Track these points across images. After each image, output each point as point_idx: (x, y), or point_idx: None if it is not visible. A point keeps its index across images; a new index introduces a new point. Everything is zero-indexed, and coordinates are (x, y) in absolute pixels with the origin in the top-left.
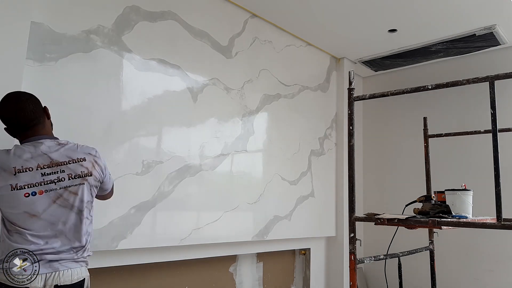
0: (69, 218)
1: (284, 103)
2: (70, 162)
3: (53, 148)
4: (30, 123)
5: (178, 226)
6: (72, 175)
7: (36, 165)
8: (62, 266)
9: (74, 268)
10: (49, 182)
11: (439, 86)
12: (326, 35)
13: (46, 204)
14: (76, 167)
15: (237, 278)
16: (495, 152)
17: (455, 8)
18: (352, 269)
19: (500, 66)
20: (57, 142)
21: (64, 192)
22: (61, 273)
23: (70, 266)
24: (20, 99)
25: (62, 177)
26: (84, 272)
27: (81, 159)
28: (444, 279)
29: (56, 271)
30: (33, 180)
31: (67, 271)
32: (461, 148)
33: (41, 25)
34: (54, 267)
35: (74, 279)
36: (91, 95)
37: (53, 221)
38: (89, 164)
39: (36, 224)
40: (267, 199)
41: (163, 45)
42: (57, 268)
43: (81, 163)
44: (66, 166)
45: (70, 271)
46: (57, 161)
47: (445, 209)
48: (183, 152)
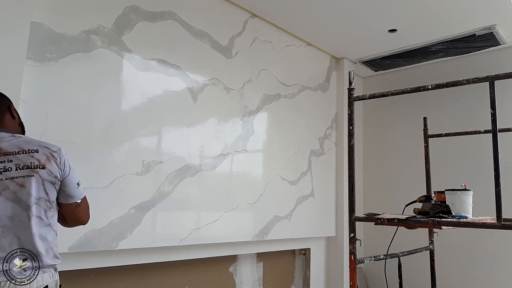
0: (17, 214)
1: (284, 103)
2: (19, 153)
3: (5, 139)
4: None
5: (178, 226)
6: (20, 166)
7: None
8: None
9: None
10: None
11: (439, 86)
12: (326, 35)
13: None
14: (25, 157)
15: (237, 278)
16: (495, 152)
17: (455, 8)
18: (352, 269)
19: (500, 66)
20: (12, 134)
21: (10, 184)
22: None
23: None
24: None
25: (8, 167)
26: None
27: (33, 150)
28: (444, 279)
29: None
30: None
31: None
32: (461, 148)
33: (41, 25)
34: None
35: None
36: (91, 95)
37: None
38: (42, 156)
39: None
40: (267, 199)
41: (163, 45)
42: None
43: (31, 154)
44: (14, 156)
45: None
46: (5, 150)
47: (445, 209)
48: (183, 152)
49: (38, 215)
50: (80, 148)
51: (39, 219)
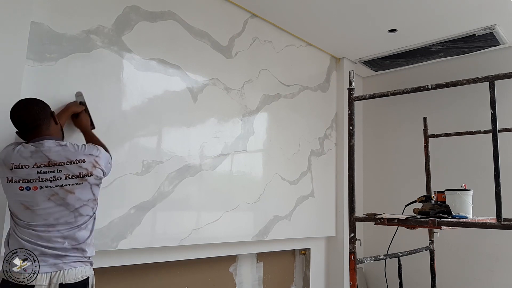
0: (63, 216)
1: (284, 103)
2: (68, 163)
3: (52, 148)
4: (33, 123)
5: (178, 226)
6: (69, 175)
7: (33, 163)
8: (66, 265)
9: (78, 267)
10: (44, 180)
11: (439, 86)
12: (326, 35)
13: (40, 200)
14: (74, 168)
15: (237, 278)
16: (495, 152)
17: (455, 8)
18: (352, 269)
19: (500, 66)
20: (58, 143)
21: (59, 191)
22: (65, 271)
23: (74, 266)
24: (28, 101)
25: (58, 176)
26: (89, 271)
27: (80, 160)
28: (444, 279)
29: (60, 270)
30: (28, 177)
31: (71, 270)
32: (461, 148)
33: (41, 25)
34: (58, 266)
35: (78, 277)
36: (91, 95)
37: (46, 216)
38: (88, 165)
39: (31, 217)
40: (267, 199)
41: (163, 45)
42: (61, 267)
43: (79, 164)
44: (63, 167)
45: (75, 270)
46: (54, 161)
47: (445, 209)
48: (183, 152)
49: (87, 214)
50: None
51: (88, 216)
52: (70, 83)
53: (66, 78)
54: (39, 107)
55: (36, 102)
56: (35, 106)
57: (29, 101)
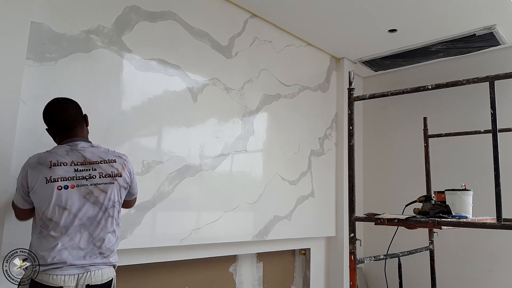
0: (96, 215)
1: (284, 103)
2: (101, 162)
3: (87, 149)
4: (71, 124)
5: (178, 226)
6: (103, 174)
7: (71, 161)
8: (93, 266)
9: (104, 268)
10: (81, 178)
11: (439, 86)
12: (326, 35)
13: (76, 199)
14: (107, 167)
15: (237, 278)
16: (495, 152)
17: (455, 8)
18: (352, 269)
19: (500, 66)
20: (91, 144)
21: (94, 189)
22: (92, 273)
23: (100, 267)
24: (66, 102)
25: (93, 174)
26: (112, 272)
27: (112, 160)
28: (444, 279)
29: (87, 272)
30: (67, 174)
31: (97, 271)
32: (461, 148)
33: (41, 25)
34: (85, 268)
35: (104, 279)
36: (91, 95)
37: (80, 215)
38: (119, 165)
39: (66, 217)
40: (267, 199)
41: (163, 45)
42: (88, 269)
43: (111, 164)
44: (98, 165)
45: (101, 271)
46: (90, 160)
47: (445, 209)
48: (183, 152)
49: (113, 215)
50: None
51: (114, 219)
52: (70, 83)
53: (66, 78)
54: (77, 109)
55: (74, 103)
56: (74, 107)
57: (68, 101)
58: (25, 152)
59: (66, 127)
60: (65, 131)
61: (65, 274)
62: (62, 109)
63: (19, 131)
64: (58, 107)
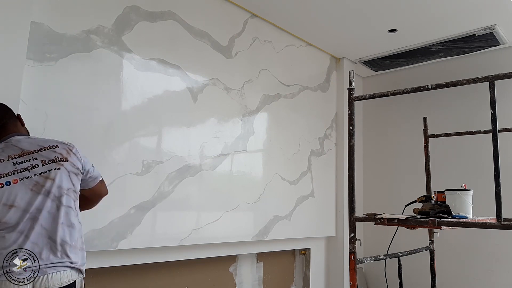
0: (44, 204)
1: (284, 103)
2: (41, 150)
3: (23, 140)
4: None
5: (178, 226)
6: (45, 161)
7: (7, 156)
8: (50, 268)
9: (64, 270)
10: (22, 170)
11: (439, 86)
12: (326, 35)
13: (23, 193)
14: (48, 153)
15: (237, 278)
16: (495, 152)
17: (455, 8)
18: (352, 269)
19: (500, 66)
20: (27, 136)
21: (39, 179)
22: (49, 276)
23: (58, 269)
24: None
25: (35, 164)
26: (75, 275)
27: (53, 146)
28: (444, 279)
29: (44, 274)
30: (5, 170)
31: (56, 274)
32: (461, 148)
33: (41, 25)
34: (42, 270)
35: (63, 281)
36: (91, 95)
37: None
38: (62, 150)
39: (15, 214)
40: (267, 199)
41: (163, 45)
42: (44, 271)
43: (53, 149)
44: (38, 154)
45: (60, 274)
46: (28, 150)
47: (445, 209)
48: (183, 152)
49: (68, 205)
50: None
51: (70, 208)
52: (70, 83)
53: (66, 78)
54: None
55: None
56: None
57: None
58: None
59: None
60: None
61: (19, 278)
62: None
63: None
64: None
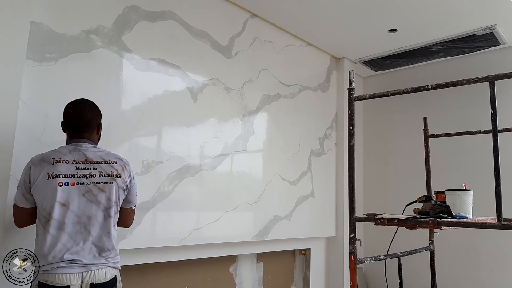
0: (95, 214)
1: (284, 103)
2: (102, 162)
3: (89, 149)
4: (82, 128)
5: (178, 226)
6: (102, 173)
7: (73, 159)
8: (94, 266)
9: (106, 268)
10: (81, 176)
11: (439, 86)
12: (326, 35)
13: (75, 196)
14: (107, 167)
15: (237, 278)
16: (495, 152)
17: (455, 8)
18: (352, 269)
19: (500, 66)
20: (94, 146)
21: (93, 188)
22: (96, 272)
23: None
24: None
25: (93, 173)
26: (115, 271)
27: (112, 161)
28: (444, 279)
29: (90, 271)
30: (68, 172)
31: (100, 270)
32: (461, 148)
33: (41, 25)
34: (88, 266)
35: (107, 276)
36: (91, 95)
37: (80, 213)
38: (119, 167)
39: (66, 213)
40: (267, 199)
41: (163, 45)
42: (90, 268)
43: (111, 164)
44: (98, 165)
45: (104, 270)
46: (91, 159)
47: (445, 209)
48: (183, 152)
49: (112, 215)
50: None
51: (112, 219)
52: (70, 83)
53: (66, 78)
54: (94, 115)
55: (94, 110)
56: (91, 112)
57: (87, 105)
58: (25, 152)
59: (77, 129)
60: (74, 132)
61: (70, 272)
62: (79, 112)
63: (19, 131)
64: (77, 108)
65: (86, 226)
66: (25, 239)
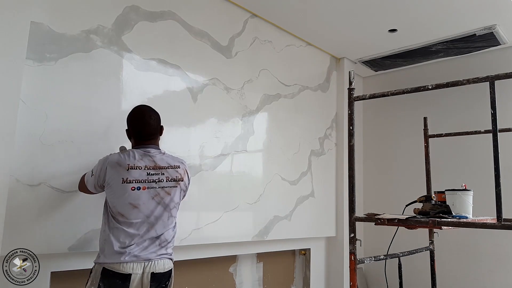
0: (161, 214)
1: (284, 103)
2: (168, 168)
3: (157, 155)
4: (149, 136)
5: (178, 226)
6: (169, 178)
7: (144, 166)
8: (157, 257)
9: (165, 259)
10: (151, 181)
11: (439, 86)
12: (326, 35)
13: (146, 199)
14: (173, 172)
15: (237, 278)
16: (495, 152)
17: (455, 8)
18: (352, 269)
19: (500, 66)
20: (160, 151)
21: (161, 191)
22: (156, 262)
23: (162, 258)
24: (150, 115)
25: (162, 178)
26: (171, 264)
27: (177, 166)
28: (444, 279)
29: (152, 261)
30: (140, 177)
31: (160, 261)
32: (461, 148)
33: (41, 25)
34: (150, 258)
35: (166, 268)
36: (91, 95)
37: (149, 214)
38: (182, 171)
39: (136, 214)
40: (267, 199)
41: (163, 45)
42: (152, 259)
43: (176, 169)
44: (166, 170)
45: (163, 261)
46: (159, 165)
47: (445, 209)
48: (183, 152)
49: (174, 215)
50: (80, 148)
51: (174, 218)
52: (70, 83)
53: (66, 78)
54: (158, 122)
55: (157, 117)
56: (156, 120)
57: (154, 110)
58: (25, 152)
59: (145, 137)
60: (142, 139)
61: (134, 261)
62: (146, 120)
63: (19, 131)
64: (143, 118)
65: (153, 225)
66: (25, 239)
